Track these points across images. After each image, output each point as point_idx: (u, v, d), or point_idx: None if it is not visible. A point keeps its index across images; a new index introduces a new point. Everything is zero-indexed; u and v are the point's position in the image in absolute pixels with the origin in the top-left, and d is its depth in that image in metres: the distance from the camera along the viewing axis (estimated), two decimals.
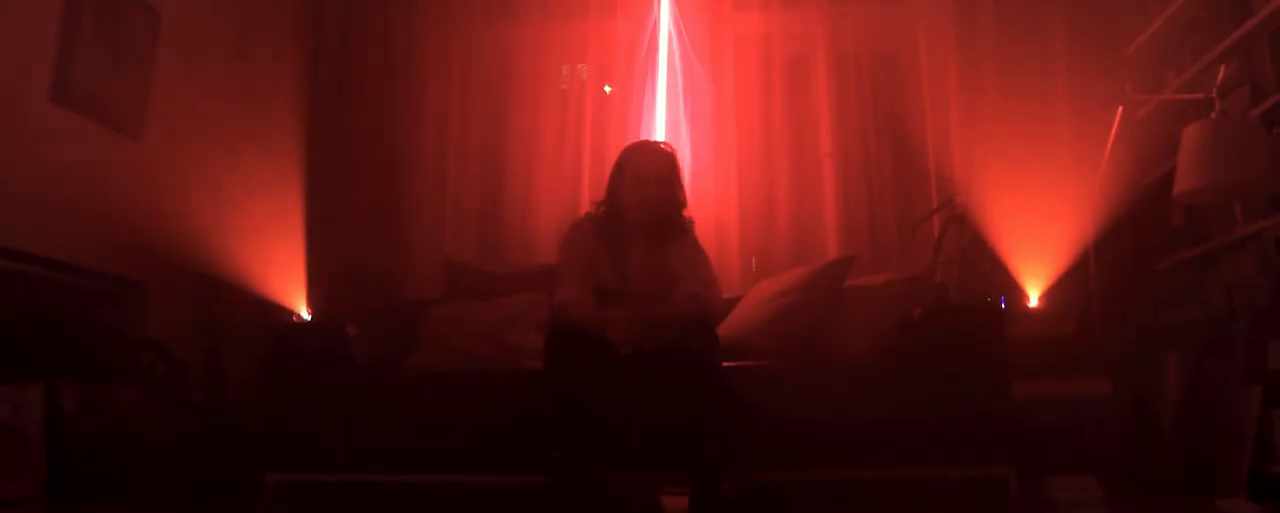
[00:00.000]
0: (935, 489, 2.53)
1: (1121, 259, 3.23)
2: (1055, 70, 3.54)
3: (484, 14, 4.04)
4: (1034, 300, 3.06)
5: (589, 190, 3.72)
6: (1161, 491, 2.73)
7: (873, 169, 3.74)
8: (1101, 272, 3.10)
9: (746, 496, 2.35)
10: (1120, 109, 3.09)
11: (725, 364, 2.44)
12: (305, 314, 3.36)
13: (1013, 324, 2.89)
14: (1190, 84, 3.05)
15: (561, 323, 2.42)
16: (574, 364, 2.33)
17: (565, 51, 3.99)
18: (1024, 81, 3.52)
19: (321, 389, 2.64)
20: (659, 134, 3.80)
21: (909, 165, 3.74)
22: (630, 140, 3.64)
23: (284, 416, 2.64)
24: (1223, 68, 2.78)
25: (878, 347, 2.60)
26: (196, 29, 3.67)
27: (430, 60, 3.95)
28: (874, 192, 3.72)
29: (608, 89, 3.97)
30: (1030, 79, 3.52)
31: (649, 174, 2.56)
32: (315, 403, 2.64)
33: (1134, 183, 3.17)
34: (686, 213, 2.68)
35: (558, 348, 2.38)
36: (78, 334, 3.06)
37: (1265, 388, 2.47)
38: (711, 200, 3.70)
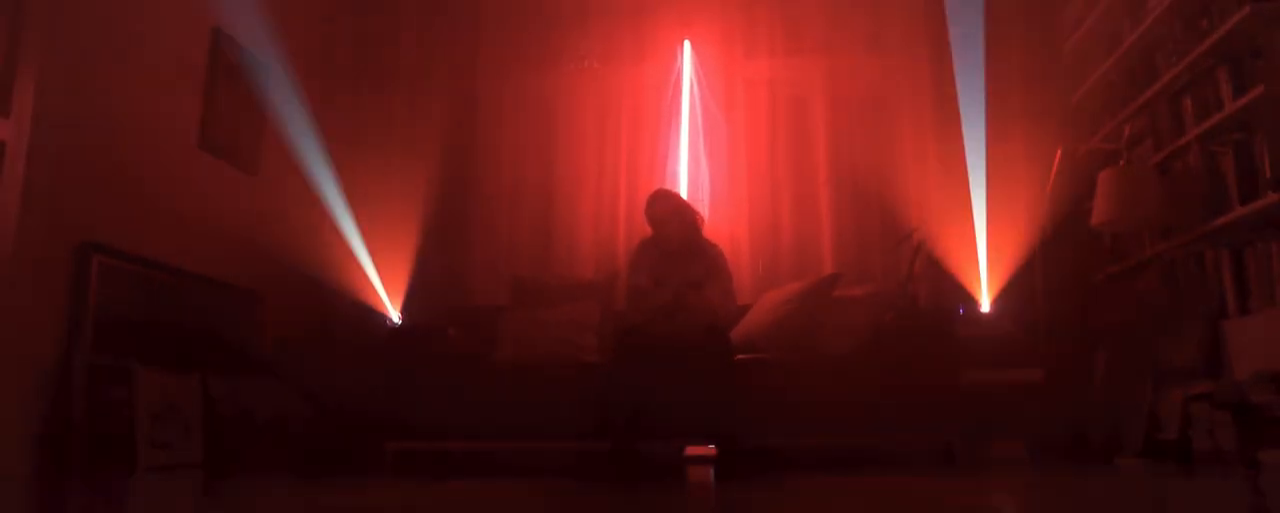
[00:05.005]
0: (899, 451, 3.26)
1: (1062, 273, 3.89)
2: (1012, 113, 4.21)
3: (530, 62, 4.72)
4: (986, 307, 3.76)
5: (625, 211, 4.43)
6: (1084, 454, 3.43)
7: (861, 194, 4.38)
8: (1047, 283, 3.78)
9: (755, 456, 3.08)
10: (1059, 151, 3.79)
11: (740, 357, 3.18)
12: (396, 318, 4.09)
13: (967, 326, 3.60)
14: (1112, 134, 3.75)
15: (623, 334, 3.17)
16: (629, 360, 3.08)
17: (602, 95, 4.67)
18: (987, 123, 4.20)
19: (430, 377, 3.36)
20: (681, 165, 4.53)
21: (891, 191, 4.35)
22: (658, 169, 4.45)
23: (401, 399, 3.35)
24: (1128, 127, 3.49)
25: (858, 344, 3.33)
26: (296, 82, 4.41)
27: (482, 103, 4.68)
28: (862, 214, 4.36)
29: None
30: (991, 121, 4.18)
31: (651, 210, 3.39)
32: (425, 389, 3.36)
33: (1073, 211, 3.84)
34: (713, 242, 3.42)
35: (619, 349, 3.14)
36: (220, 335, 3.82)
37: (1155, 375, 3.19)
38: (726, 221, 4.39)
